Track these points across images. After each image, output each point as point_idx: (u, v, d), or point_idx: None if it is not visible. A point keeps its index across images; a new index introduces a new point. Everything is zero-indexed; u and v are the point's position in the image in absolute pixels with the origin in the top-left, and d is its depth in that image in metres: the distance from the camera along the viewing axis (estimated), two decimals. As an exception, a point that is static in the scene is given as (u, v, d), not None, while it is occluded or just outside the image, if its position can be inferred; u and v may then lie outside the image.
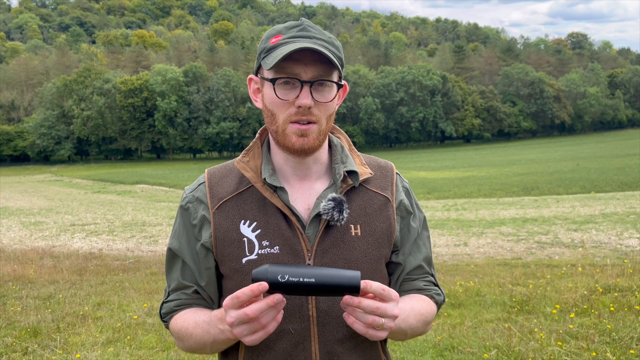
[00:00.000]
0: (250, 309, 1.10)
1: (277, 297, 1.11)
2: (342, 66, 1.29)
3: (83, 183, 41.28)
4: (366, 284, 1.13)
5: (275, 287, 1.10)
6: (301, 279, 1.09)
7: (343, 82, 1.31)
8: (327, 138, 1.40)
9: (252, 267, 1.28)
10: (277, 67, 1.22)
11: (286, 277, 1.09)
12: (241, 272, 1.29)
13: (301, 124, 1.25)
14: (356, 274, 1.12)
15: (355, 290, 1.11)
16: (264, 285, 1.09)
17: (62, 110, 75.85)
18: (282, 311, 1.15)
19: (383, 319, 1.13)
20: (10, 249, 12.05)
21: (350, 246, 1.30)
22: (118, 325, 5.53)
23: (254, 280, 1.11)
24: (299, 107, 1.23)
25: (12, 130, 75.09)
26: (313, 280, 1.10)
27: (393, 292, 1.15)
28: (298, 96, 1.23)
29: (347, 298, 1.11)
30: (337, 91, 1.28)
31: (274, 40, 1.26)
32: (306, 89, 1.22)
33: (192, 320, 1.31)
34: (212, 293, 1.38)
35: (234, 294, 1.11)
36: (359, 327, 1.15)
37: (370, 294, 1.15)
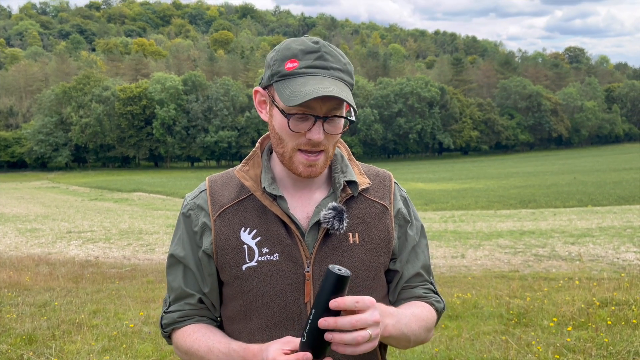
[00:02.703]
0: None
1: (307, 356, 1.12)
2: (352, 87, 1.30)
3: (80, 190, 41.19)
4: (338, 302, 1.09)
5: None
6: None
7: (353, 118, 1.30)
8: None
9: (252, 274, 1.30)
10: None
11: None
12: (241, 279, 1.30)
13: (309, 155, 1.28)
14: (330, 272, 1.10)
15: (345, 279, 1.09)
16: (308, 355, 1.12)
17: (61, 117, 75.90)
18: None
19: (368, 331, 1.10)
20: (6, 256, 12.00)
21: (348, 254, 1.31)
22: (114, 333, 5.50)
23: None
24: (310, 139, 1.25)
25: (10, 137, 75.05)
26: (320, 310, 1.10)
27: (367, 299, 1.12)
28: (310, 129, 1.24)
29: (322, 321, 1.08)
30: (350, 123, 1.30)
31: (289, 65, 1.24)
32: (319, 123, 1.24)
33: (205, 344, 1.31)
34: (215, 300, 1.39)
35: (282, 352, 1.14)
36: (351, 350, 1.11)
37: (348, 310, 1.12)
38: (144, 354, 4.89)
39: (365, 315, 1.10)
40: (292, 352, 1.13)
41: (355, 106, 1.24)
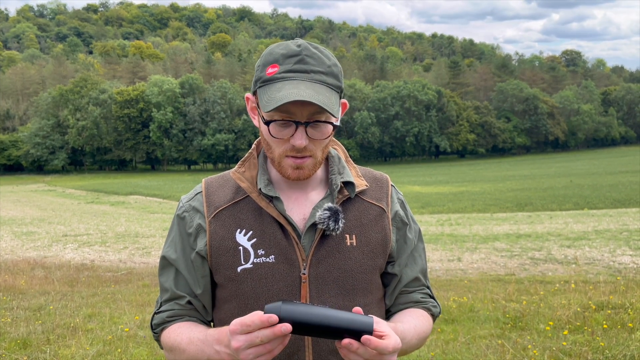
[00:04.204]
0: (263, 334, 1.06)
1: (285, 327, 1.06)
2: (341, 92, 1.27)
3: (76, 193, 41.10)
4: (371, 341, 1.07)
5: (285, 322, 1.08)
6: (314, 322, 1.08)
7: (338, 122, 1.28)
8: None
9: (247, 276, 1.28)
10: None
11: (298, 319, 1.07)
12: (236, 281, 1.29)
13: (297, 159, 1.26)
14: (370, 320, 1.09)
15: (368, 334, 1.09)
16: (273, 318, 1.05)
17: (57, 120, 75.76)
18: (289, 336, 1.09)
19: None
20: (2, 259, 11.96)
21: (345, 256, 1.31)
22: (109, 337, 5.48)
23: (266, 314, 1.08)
24: (293, 145, 1.23)
25: (6, 140, 74.87)
26: (326, 323, 1.08)
27: (395, 344, 1.10)
28: (293, 135, 1.23)
29: (347, 342, 1.07)
30: (333, 129, 1.27)
31: (270, 70, 1.23)
32: (301, 129, 1.22)
33: (186, 336, 1.29)
34: (207, 302, 1.38)
35: (242, 320, 1.07)
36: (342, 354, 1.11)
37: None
38: (139, 359, 4.86)
39: (384, 357, 1.10)
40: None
41: (332, 110, 1.19)
